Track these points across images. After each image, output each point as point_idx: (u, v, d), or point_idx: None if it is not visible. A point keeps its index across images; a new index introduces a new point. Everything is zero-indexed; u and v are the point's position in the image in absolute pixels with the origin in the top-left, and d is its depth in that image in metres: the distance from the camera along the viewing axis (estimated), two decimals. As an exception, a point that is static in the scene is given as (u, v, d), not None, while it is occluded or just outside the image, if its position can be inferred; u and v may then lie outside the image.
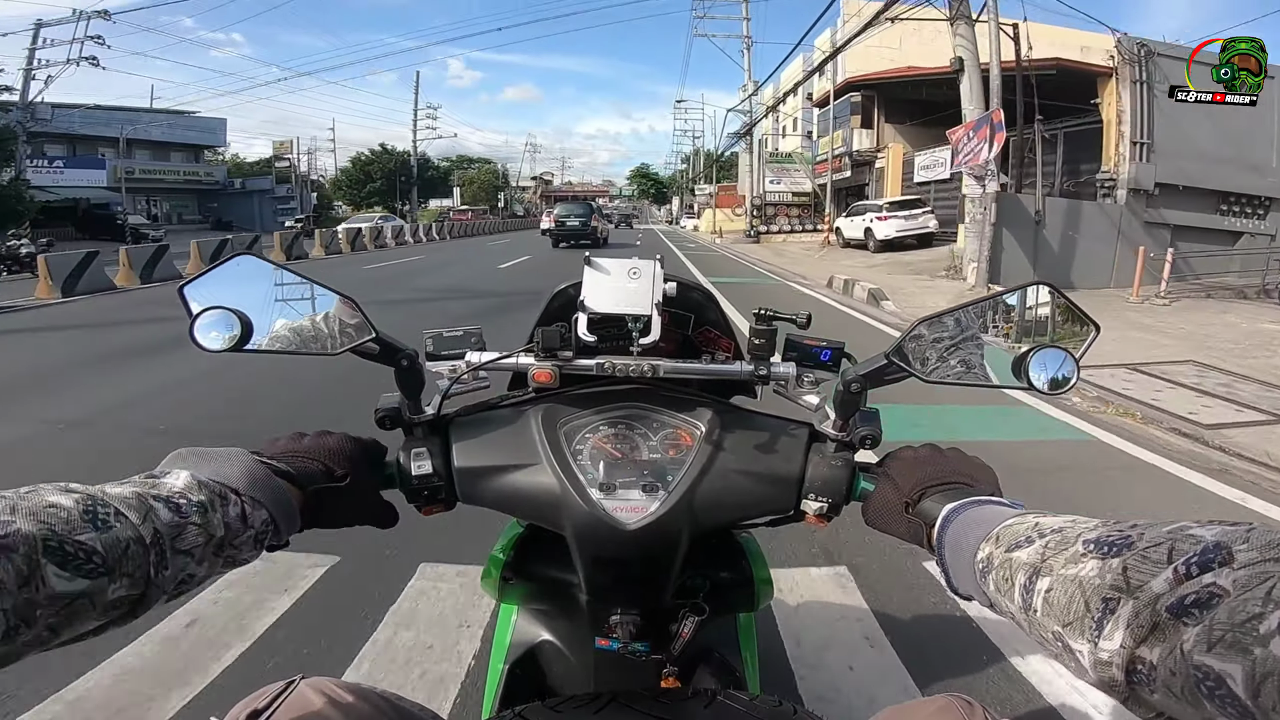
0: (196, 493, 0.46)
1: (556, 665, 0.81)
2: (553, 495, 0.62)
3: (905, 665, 1.77)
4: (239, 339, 0.56)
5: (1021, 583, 0.40)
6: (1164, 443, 3.56)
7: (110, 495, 0.41)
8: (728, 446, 0.65)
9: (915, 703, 0.63)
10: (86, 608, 0.37)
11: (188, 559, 0.44)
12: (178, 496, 0.45)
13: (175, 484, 0.46)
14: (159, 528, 0.42)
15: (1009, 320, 0.63)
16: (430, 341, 0.70)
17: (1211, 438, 3.53)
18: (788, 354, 0.69)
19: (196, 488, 0.46)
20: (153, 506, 0.42)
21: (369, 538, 0.80)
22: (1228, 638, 0.25)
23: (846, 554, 2.31)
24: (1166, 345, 5.83)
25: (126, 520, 0.40)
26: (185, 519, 0.44)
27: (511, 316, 6.73)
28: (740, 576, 0.78)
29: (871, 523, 0.63)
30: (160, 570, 0.41)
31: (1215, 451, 3.42)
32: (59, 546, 0.36)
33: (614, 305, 0.64)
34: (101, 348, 5.84)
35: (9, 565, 0.33)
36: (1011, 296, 0.62)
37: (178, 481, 0.46)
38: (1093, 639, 0.33)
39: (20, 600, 0.34)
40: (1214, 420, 3.77)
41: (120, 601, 0.39)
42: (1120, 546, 0.34)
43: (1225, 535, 0.29)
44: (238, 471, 0.51)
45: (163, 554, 0.42)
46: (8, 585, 0.33)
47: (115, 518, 0.39)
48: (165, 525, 0.42)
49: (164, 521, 0.42)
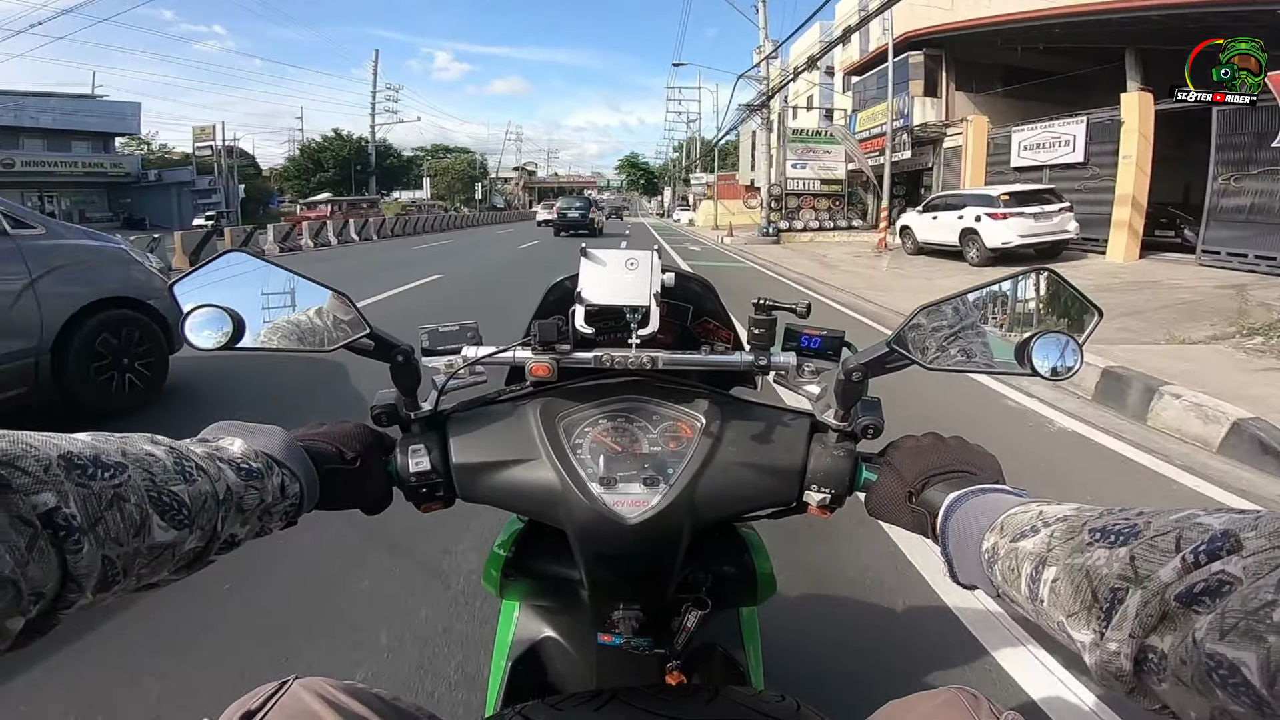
0: (254, 460, 0.49)
1: (559, 662, 0.80)
2: (553, 490, 0.62)
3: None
4: (231, 337, 0.55)
5: (1028, 573, 0.40)
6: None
7: (193, 451, 0.43)
8: (728, 438, 0.65)
9: (919, 695, 0.62)
10: (168, 559, 0.39)
11: (240, 518, 0.46)
12: (240, 460, 0.47)
13: (233, 450, 0.48)
14: (230, 485, 0.44)
15: (1010, 307, 0.62)
16: (426, 337, 0.69)
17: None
18: (787, 344, 0.69)
19: (253, 455, 0.49)
20: (221, 467, 0.45)
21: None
22: (1241, 625, 0.25)
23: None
24: None
25: (205, 475, 0.42)
26: (247, 481, 0.47)
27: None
28: (743, 570, 0.77)
29: (875, 513, 0.63)
30: (225, 526, 0.44)
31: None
32: (158, 496, 0.37)
33: (611, 297, 0.64)
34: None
35: (122, 514, 0.34)
36: (1012, 283, 0.62)
37: (235, 448, 0.49)
38: (1100, 629, 0.32)
39: (130, 549, 0.35)
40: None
41: (188, 554, 0.41)
42: (1127, 535, 0.34)
43: (1233, 523, 0.29)
44: (278, 444, 0.54)
45: (229, 511, 0.44)
46: (122, 534, 0.34)
47: (197, 472, 0.41)
48: (234, 484, 0.45)
49: (232, 481, 0.45)
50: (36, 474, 0.31)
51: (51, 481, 0.32)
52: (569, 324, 0.65)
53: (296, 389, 4.11)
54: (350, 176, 40.88)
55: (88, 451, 0.35)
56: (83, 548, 0.32)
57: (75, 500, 0.33)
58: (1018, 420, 3.77)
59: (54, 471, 0.32)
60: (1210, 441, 3.24)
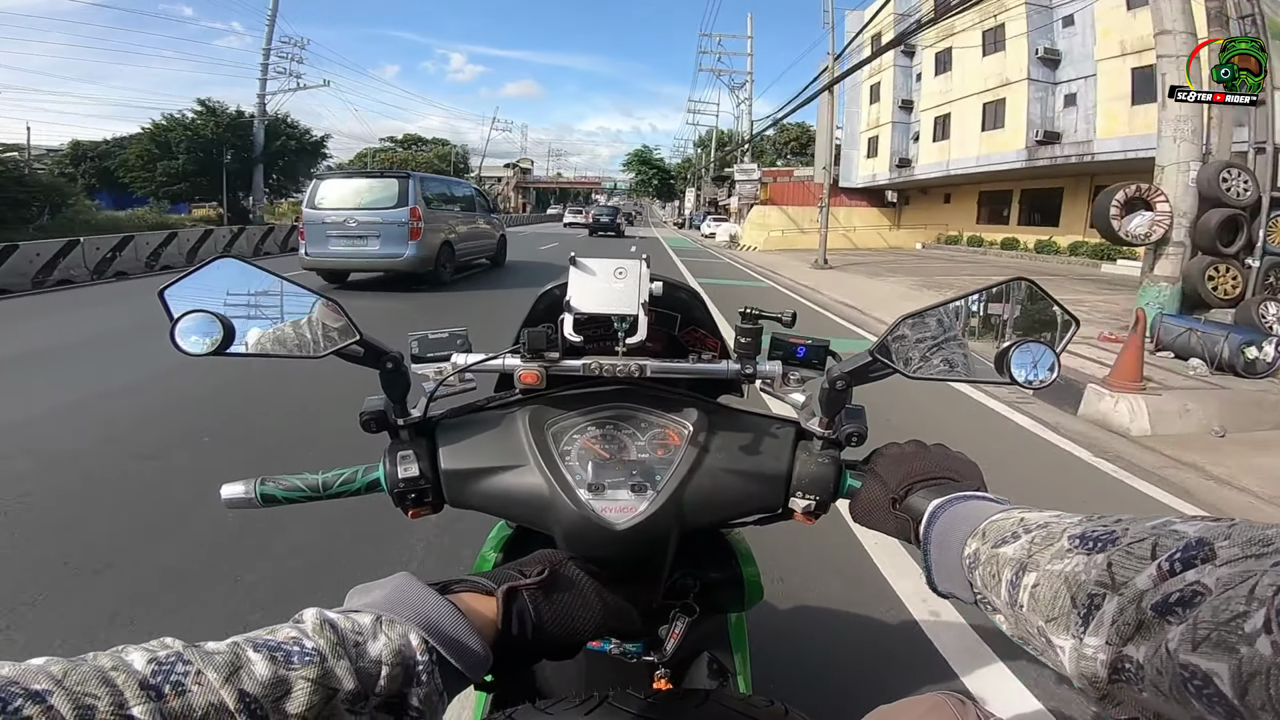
0: (318, 635, 0.37)
1: (548, 668, 0.80)
2: (541, 497, 0.62)
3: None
4: (221, 342, 0.56)
5: (1008, 578, 0.40)
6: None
7: (205, 650, 0.34)
8: (715, 445, 0.66)
9: (907, 701, 0.63)
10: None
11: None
12: (290, 643, 0.36)
13: (292, 629, 0.37)
14: (245, 688, 0.33)
15: (990, 316, 0.63)
16: (415, 344, 0.70)
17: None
18: (773, 353, 0.70)
19: (320, 628, 0.37)
20: (250, 659, 0.34)
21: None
22: (1213, 636, 0.25)
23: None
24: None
25: (207, 682, 0.32)
26: (291, 670, 0.34)
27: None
28: (730, 576, 0.78)
29: (859, 519, 0.64)
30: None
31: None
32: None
33: (600, 305, 0.64)
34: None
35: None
36: (991, 293, 0.63)
37: (304, 622, 0.37)
38: (1078, 635, 0.33)
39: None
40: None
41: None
42: (1105, 542, 0.34)
43: (1207, 531, 0.30)
44: (398, 600, 0.41)
45: (261, 713, 0.33)
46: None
47: (192, 679, 0.32)
48: (259, 683, 0.33)
49: (258, 678, 0.33)
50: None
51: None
52: (558, 332, 0.66)
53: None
54: (217, 165, 25.02)
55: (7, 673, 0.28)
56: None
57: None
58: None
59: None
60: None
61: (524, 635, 0.48)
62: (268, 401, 4.04)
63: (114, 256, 10.81)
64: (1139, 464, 3.48)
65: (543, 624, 0.49)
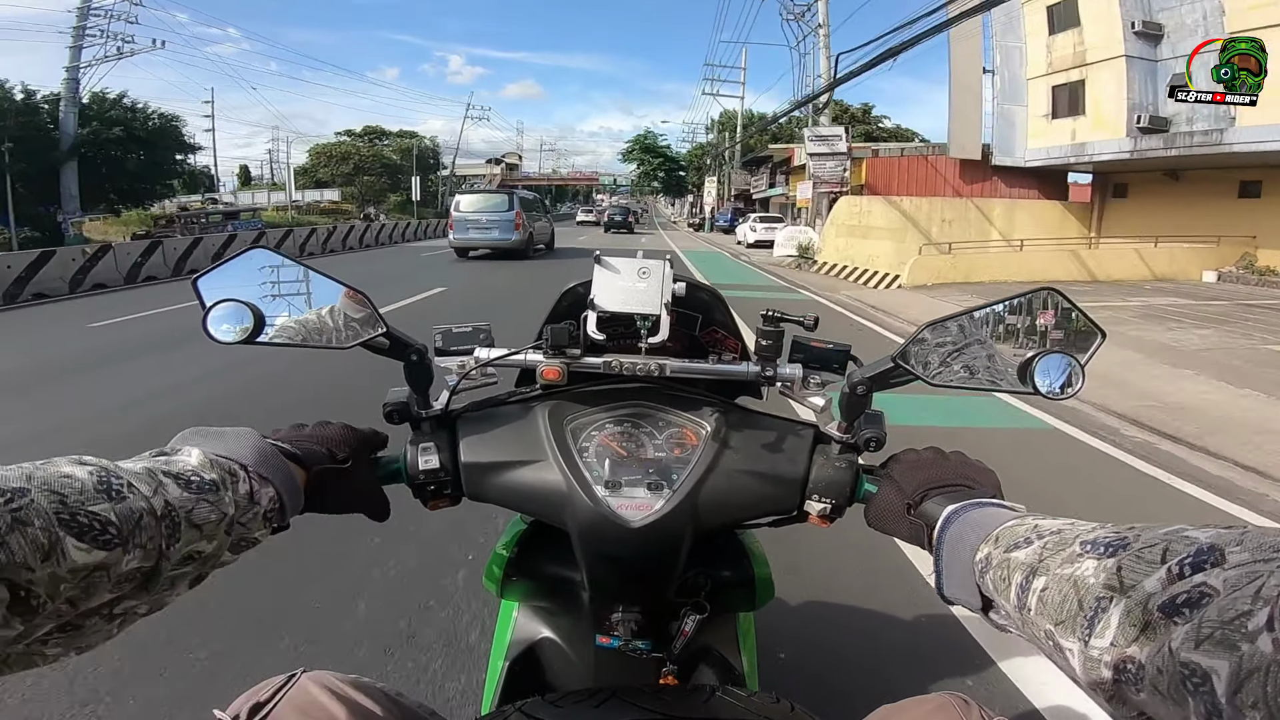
0: (208, 470, 0.46)
1: (557, 662, 0.81)
2: (558, 492, 0.63)
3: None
4: (251, 331, 0.56)
5: (1018, 582, 0.41)
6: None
7: (123, 468, 0.42)
8: (733, 446, 0.66)
9: (911, 700, 0.63)
10: (102, 580, 0.37)
11: (196, 533, 0.44)
12: (190, 473, 0.45)
13: (188, 461, 0.47)
14: (170, 500, 0.42)
15: (1014, 326, 0.63)
16: (439, 337, 0.70)
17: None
18: (794, 355, 0.70)
19: (208, 465, 0.47)
20: (163, 481, 0.43)
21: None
22: (1216, 635, 0.25)
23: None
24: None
25: (138, 492, 0.40)
26: (198, 495, 0.44)
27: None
28: (742, 576, 0.78)
29: (874, 524, 0.64)
30: (172, 543, 0.42)
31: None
32: (72, 518, 0.36)
33: (623, 304, 0.65)
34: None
35: (26, 538, 0.33)
36: (1016, 302, 0.62)
37: (190, 459, 0.47)
38: (1084, 637, 0.33)
39: (44, 574, 0.34)
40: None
41: (133, 574, 0.39)
42: (1116, 547, 0.34)
43: (1219, 538, 0.30)
44: (246, 449, 0.52)
45: (175, 526, 0.42)
46: (29, 559, 0.33)
47: (128, 489, 0.40)
48: (176, 499, 0.43)
49: (174, 496, 0.43)
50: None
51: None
52: (580, 329, 0.66)
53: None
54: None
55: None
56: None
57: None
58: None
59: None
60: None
61: (333, 502, 0.61)
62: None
63: None
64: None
65: (332, 500, 0.61)
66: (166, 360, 5.31)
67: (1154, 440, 3.92)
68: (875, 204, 15.69)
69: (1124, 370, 5.44)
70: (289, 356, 4.39)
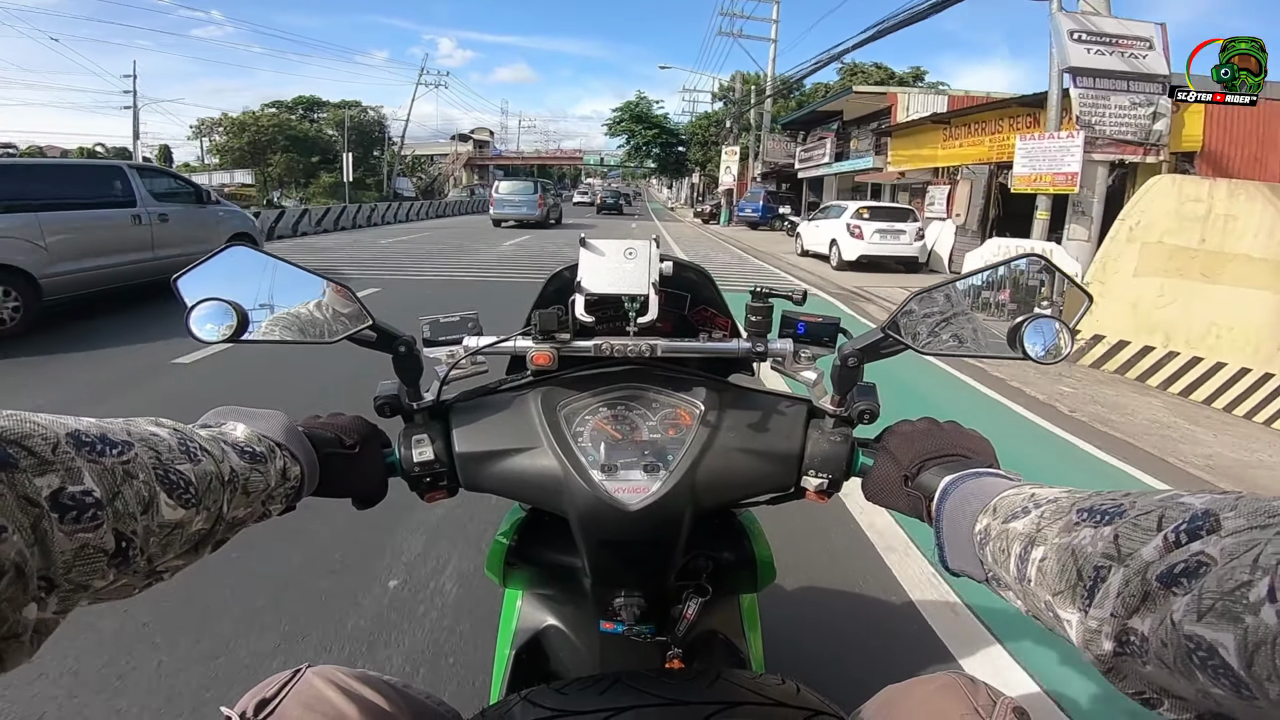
0: (257, 444, 0.49)
1: (562, 650, 0.81)
2: (555, 478, 0.62)
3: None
4: (235, 330, 0.56)
5: (1017, 553, 0.40)
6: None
7: (196, 433, 0.44)
8: (727, 425, 0.66)
9: (917, 680, 0.63)
10: (177, 538, 0.39)
11: (243, 502, 0.46)
12: (243, 445, 0.48)
13: (237, 434, 0.49)
14: (235, 468, 0.45)
15: (1002, 292, 0.63)
16: (427, 327, 0.70)
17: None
18: (784, 330, 0.70)
19: (256, 439, 0.50)
20: (226, 449, 0.45)
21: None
22: (1218, 606, 0.25)
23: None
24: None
25: (210, 457, 0.42)
26: (252, 465, 0.47)
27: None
28: (743, 557, 0.78)
29: (871, 497, 0.64)
30: (229, 509, 0.44)
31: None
32: (165, 475, 0.38)
33: (611, 286, 0.64)
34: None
35: (133, 490, 0.35)
36: (1004, 268, 0.62)
37: (238, 432, 0.50)
38: (1083, 608, 0.33)
39: (141, 526, 0.35)
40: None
41: (195, 535, 0.41)
42: (1112, 515, 0.34)
43: (1214, 503, 0.29)
44: (279, 428, 0.54)
45: (234, 493, 0.44)
46: (135, 510, 0.35)
47: (202, 453, 0.42)
48: (238, 467, 0.45)
49: (236, 464, 0.45)
50: (43, 454, 0.31)
51: (60, 460, 0.32)
52: (569, 313, 0.66)
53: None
54: None
55: (94, 430, 0.35)
56: (101, 523, 0.32)
57: (91, 476, 0.33)
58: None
59: (63, 450, 0.32)
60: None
61: (333, 485, 0.62)
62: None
63: None
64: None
65: (334, 484, 0.62)
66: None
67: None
68: (1244, 195, 4.83)
69: None
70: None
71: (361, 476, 0.64)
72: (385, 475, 0.65)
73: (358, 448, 0.63)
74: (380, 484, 0.65)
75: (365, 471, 0.64)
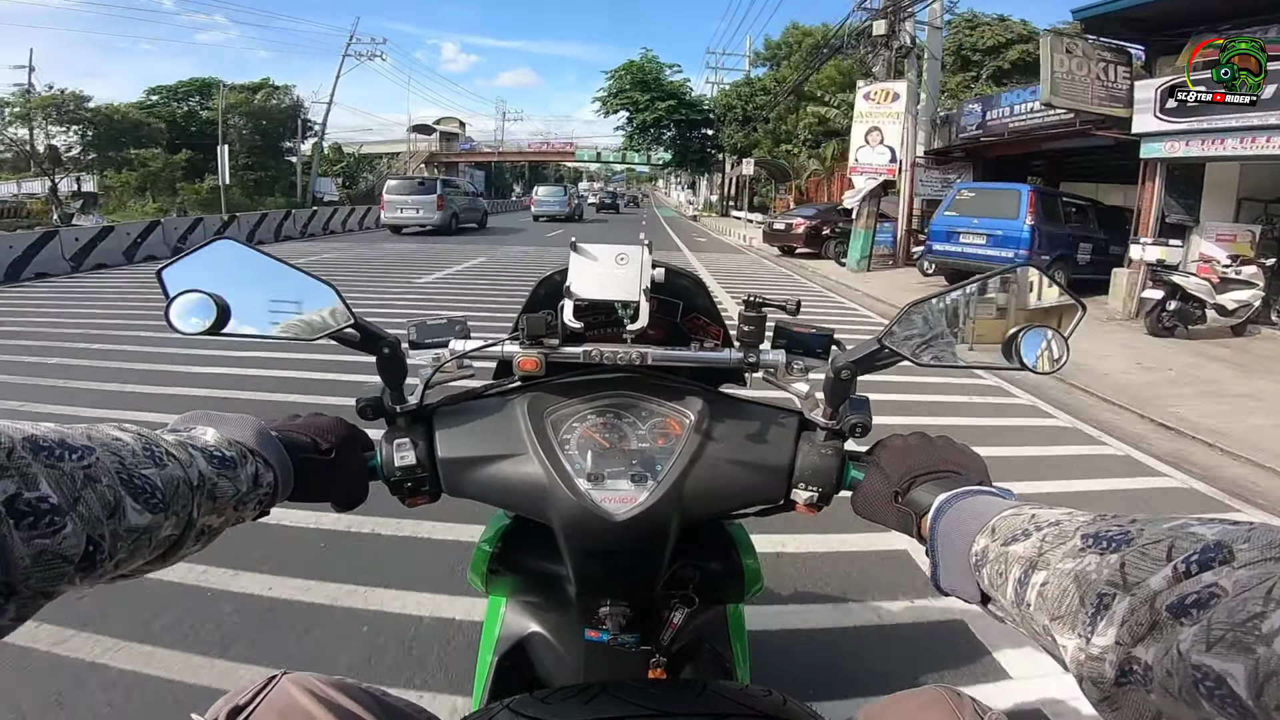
0: (227, 449, 0.48)
1: (546, 657, 0.80)
2: (540, 486, 0.61)
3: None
4: (215, 323, 0.55)
5: (1017, 576, 0.40)
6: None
7: (161, 438, 0.43)
8: (717, 435, 0.65)
9: (904, 694, 0.63)
10: (145, 544, 0.39)
11: (214, 508, 0.45)
12: (212, 449, 0.47)
13: (207, 439, 0.48)
14: (203, 472, 0.44)
15: (995, 303, 0.63)
16: (413, 329, 0.69)
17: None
18: (777, 341, 0.69)
19: (226, 444, 0.49)
20: (193, 454, 0.44)
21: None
22: (1228, 637, 0.25)
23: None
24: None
25: (177, 461, 0.42)
26: (220, 470, 0.46)
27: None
28: (730, 567, 0.77)
29: (861, 512, 0.63)
30: (200, 514, 0.43)
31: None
32: (129, 479, 0.37)
33: (601, 291, 0.64)
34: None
35: (96, 494, 0.35)
36: (999, 279, 0.62)
37: (208, 437, 0.49)
38: (1085, 634, 0.32)
39: (108, 530, 0.35)
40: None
41: (164, 541, 0.41)
42: (1119, 542, 0.33)
43: (1226, 534, 0.29)
44: (251, 433, 0.53)
45: (203, 499, 0.44)
46: (100, 515, 0.34)
47: (168, 458, 0.41)
48: (206, 472, 0.44)
49: (204, 469, 0.44)
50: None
51: (15, 466, 0.31)
52: (558, 318, 0.64)
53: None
54: None
55: (53, 435, 0.35)
56: (64, 527, 0.32)
57: (48, 482, 0.32)
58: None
59: (18, 455, 0.31)
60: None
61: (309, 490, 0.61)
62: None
63: None
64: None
65: (309, 489, 0.61)
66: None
67: None
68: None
69: None
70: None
71: (339, 481, 0.62)
72: (365, 479, 0.64)
73: (334, 452, 0.61)
74: (357, 488, 0.64)
75: (343, 476, 0.62)
